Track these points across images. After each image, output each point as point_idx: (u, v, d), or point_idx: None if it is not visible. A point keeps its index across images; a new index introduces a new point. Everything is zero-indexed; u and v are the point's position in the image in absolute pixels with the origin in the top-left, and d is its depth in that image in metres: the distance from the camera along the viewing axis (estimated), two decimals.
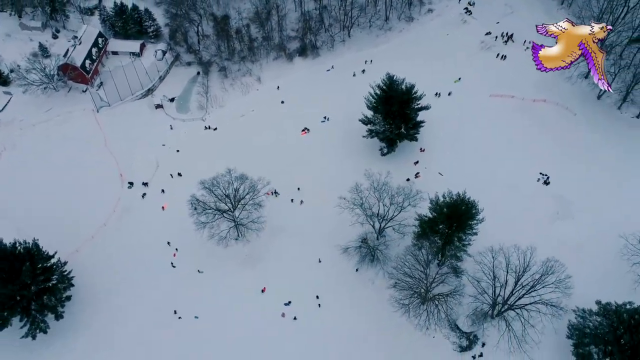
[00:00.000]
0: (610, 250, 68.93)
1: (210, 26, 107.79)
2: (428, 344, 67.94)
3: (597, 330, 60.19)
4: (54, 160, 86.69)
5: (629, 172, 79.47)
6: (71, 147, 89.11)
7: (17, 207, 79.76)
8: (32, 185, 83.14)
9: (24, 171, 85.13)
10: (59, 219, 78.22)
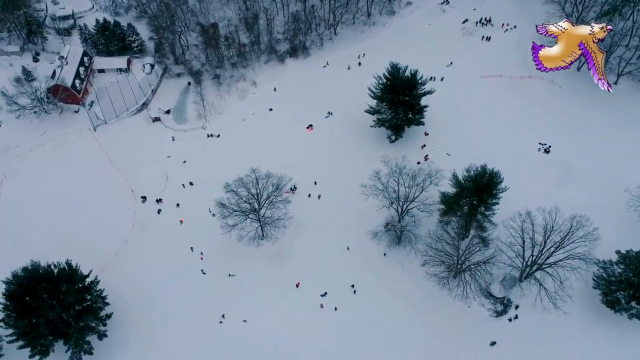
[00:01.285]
0: (617, 204, 74.20)
1: (194, 36, 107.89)
2: (465, 313, 70.97)
3: (621, 277, 65.15)
4: (60, 183, 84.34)
5: (617, 132, 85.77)
6: (75, 168, 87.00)
7: (33, 234, 77.31)
8: (44, 210, 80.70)
9: (31, 197, 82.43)
10: (78, 240, 76.24)
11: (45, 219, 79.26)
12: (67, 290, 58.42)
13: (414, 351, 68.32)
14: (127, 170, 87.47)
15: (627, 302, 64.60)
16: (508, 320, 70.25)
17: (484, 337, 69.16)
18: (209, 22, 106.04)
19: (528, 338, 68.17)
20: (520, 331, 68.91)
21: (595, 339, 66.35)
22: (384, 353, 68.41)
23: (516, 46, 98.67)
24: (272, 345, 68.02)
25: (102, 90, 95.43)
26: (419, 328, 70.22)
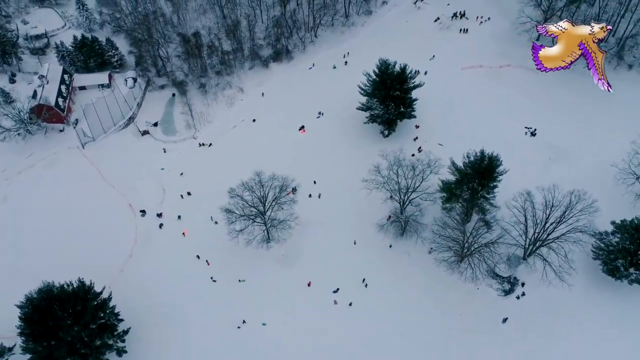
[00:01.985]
0: (605, 179, 78.13)
1: (174, 47, 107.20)
2: (474, 295, 73.21)
3: (618, 245, 68.74)
4: (55, 204, 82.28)
5: (593, 111, 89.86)
6: (68, 187, 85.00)
7: (34, 258, 75.18)
8: (42, 232, 78.62)
9: (26, 221, 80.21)
10: (81, 260, 74.29)
11: (44, 242, 77.19)
12: (84, 309, 57.20)
13: (429, 337, 69.96)
14: (122, 185, 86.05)
15: (625, 269, 68.32)
16: (516, 298, 72.91)
17: (495, 316, 71.63)
18: (188, 32, 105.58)
19: (537, 313, 71.01)
20: (529, 307, 71.72)
21: (600, 307, 69.75)
22: (401, 342, 69.85)
23: (492, 37, 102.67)
24: (294, 346, 68.38)
25: (87, 106, 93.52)
26: (431, 314, 71.96)
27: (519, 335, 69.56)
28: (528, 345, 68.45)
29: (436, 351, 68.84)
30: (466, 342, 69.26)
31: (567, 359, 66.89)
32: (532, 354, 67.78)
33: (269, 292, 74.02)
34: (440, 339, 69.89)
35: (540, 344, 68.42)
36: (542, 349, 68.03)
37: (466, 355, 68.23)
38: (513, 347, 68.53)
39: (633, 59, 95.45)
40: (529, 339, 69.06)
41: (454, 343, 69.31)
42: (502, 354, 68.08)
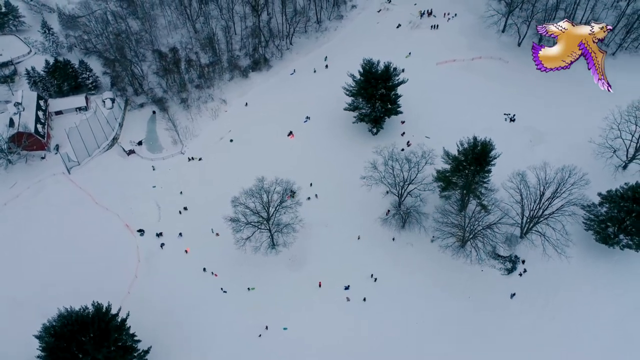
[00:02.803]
0: (585, 155, 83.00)
1: (148, 65, 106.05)
2: (479, 277, 76.03)
3: (607, 215, 73.26)
4: (48, 232, 79.80)
5: (562, 93, 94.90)
6: (60, 213, 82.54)
7: (38, 289, 72.57)
8: (41, 262, 76.02)
9: (23, 251, 77.27)
10: (86, 286, 72.32)
11: (44, 272, 74.68)
12: (106, 331, 55.81)
13: (443, 321, 72.22)
14: (115, 206, 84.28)
15: (616, 236, 72.87)
16: (519, 275, 76.22)
17: (502, 294, 74.71)
18: (161, 49, 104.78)
19: (539, 286, 74.55)
20: (531, 282, 75.17)
21: (597, 274, 74.04)
22: (418, 329, 71.71)
23: (461, 32, 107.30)
24: (316, 347, 68.96)
25: (71, 130, 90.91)
26: (441, 299, 74.29)
27: (526, 308, 72.93)
28: (535, 317, 71.88)
29: (452, 333, 71.06)
30: (478, 321, 71.95)
31: (571, 325, 70.49)
32: (540, 325, 71.06)
33: (282, 296, 74.34)
34: (454, 321, 72.22)
35: (546, 315, 71.96)
36: (548, 319, 71.50)
37: (480, 334, 70.75)
38: (522, 320, 71.75)
39: None
40: (535, 312, 72.48)
41: (467, 324, 71.80)
42: (513, 327, 71.10)
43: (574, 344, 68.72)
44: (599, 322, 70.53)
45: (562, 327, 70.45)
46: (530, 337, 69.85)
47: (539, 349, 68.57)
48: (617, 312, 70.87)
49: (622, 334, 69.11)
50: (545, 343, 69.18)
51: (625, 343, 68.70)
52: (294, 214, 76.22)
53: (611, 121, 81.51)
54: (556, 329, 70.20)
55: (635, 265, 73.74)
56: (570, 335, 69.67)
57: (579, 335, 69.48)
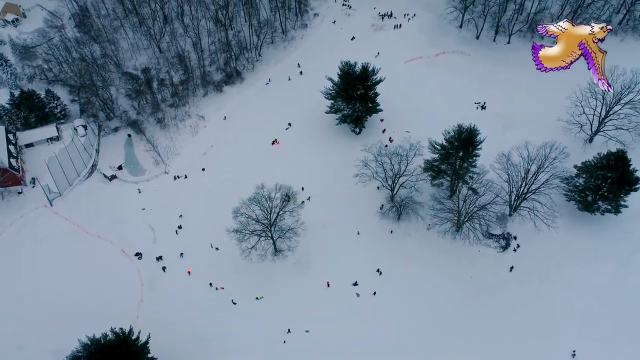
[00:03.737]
0: (555, 133, 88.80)
1: (116, 89, 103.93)
2: (477, 257, 79.72)
3: (585, 184, 79.00)
4: (42, 268, 76.76)
5: (522, 79, 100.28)
6: (49, 247, 79.44)
7: (42, 330, 69.54)
8: (41, 299, 72.89)
9: (19, 290, 73.43)
10: (92, 316, 70.12)
11: (44, 311, 71.64)
12: (135, 355, 54.40)
13: (451, 303, 75.19)
14: (107, 233, 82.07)
15: (595, 202, 78.68)
16: (513, 251, 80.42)
17: (500, 270, 78.54)
18: (127, 70, 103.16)
19: (534, 257, 78.92)
20: (526, 255, 79.43)
21: (583, 240, 79.38)
22: (429, 314, 74.16)
23: (422, 30, 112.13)
24: (337, 344, 69.97)
25: (51, 160, 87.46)
26: (445, 283, 77.27)
27: (526, 278, 77.16)
28: (535, 286, 76.17)
29: (461, 313, 74.08)
30: (484, 298, 75.49)
31: (568, 289, 75.13)
32: (541, 292, 75.28)
33: (294, 301, 74.97)
34: (460, 302, 75.29)
35: (544, 282, 76.31)
36: (547, 286, 75.89)
37: (488, 309, 74.19)
38: (522, 292, 75.75)
39: None
40: (535, 281, 76.76)
41: (474, 302, 75.13)
42: (516, 300, 74.97)
43: (574, 305, 73.44)
44: (591, 281, 75.62)
45: (561, 291, 75.08)
46: (534, 304, 74.01)
47: (544, 315, 72.73)
48: (606, 270, 76.35)
49: (615, 290, 74.47)
50: (548, 308, 73.48)
51: (618, 297, 73.94)
52: (296, 218, 77.07)
53: (574, 99, 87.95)
54: (556, 294, 74.75)
55: (616, 228, 79.62)
56: (569, 297, 74.32)
57: (577, 297, 74.23)
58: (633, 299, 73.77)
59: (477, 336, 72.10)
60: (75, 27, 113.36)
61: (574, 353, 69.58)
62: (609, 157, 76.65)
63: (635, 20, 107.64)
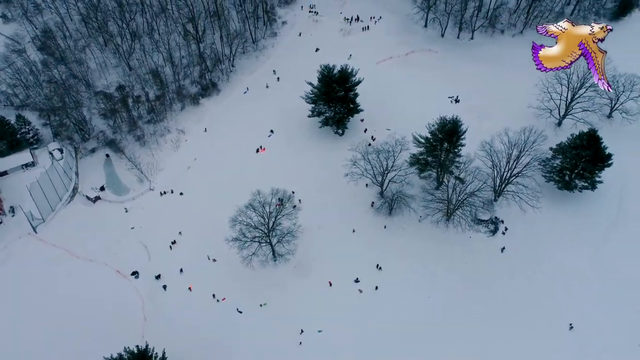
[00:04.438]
0: (527, 119, 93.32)
1: (87, 109, 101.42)
2: (469, 243, 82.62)
3: (562, 164, 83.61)
4: (35, 297, 73.83)
5: (490, 72, 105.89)
6: (40, 276, 76.50)
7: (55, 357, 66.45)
8: (37, 332, 70.15)
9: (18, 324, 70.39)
10: (97, 342, 68.14)
11: (48, 343, 68.81)
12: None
13: (450, 288, 77.60)
14: (99, 255, 79.94)
15: (572, 180, 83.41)
16: (502, 234, 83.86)
17: (492, 252, 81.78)
18: (104, 90, 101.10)
19: (522, 238, 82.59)
20: (514, 236, 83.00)
21: (566, 216, 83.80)
22: (431, 302, 76.14)
23: (389, 32, 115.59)
24: (349, 341, 70.86)
25: (33, 185, 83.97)
26: (442, 271, 79.69)
27: (516, 259, 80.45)
28: (525, 266, 79.53)
29: (460, 297, 76.48)
30: (480, 281, 78.34)
31: (557, 265, 79.06)
32: (532, 272, 78.71)
33: (300, 303, 75.45)
34: (458, 287, 77.72)
35: (534, 262, 79.82)
36: (536, 265, 79.47)
37: (484, 291, 76.93)
38: (515, 271, 79.16)
39: (502, 25, 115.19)
40: (524, 261, 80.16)
41: (471, 286, 77.77)
42: (510, 278, 78.37)
43: (566, 278, 77.39)
44: (576, 254, 79.92)
45: (551, 267, 78.93)
46: (528, 282, 77.51)
47: (539, 290, 76.31)
48: (589, 241, 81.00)
49: (598, 259, 79.28)
50: (542, 284, 77.08)
51: (601, 270, 78.50)
52: (293, 221, 77.59)
53: (541, 87, 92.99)
54: (547, 270, 78.57)
55: (594, 203, 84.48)
56: (560, 271, 78.19)
57: (566, 271, 78.19)
58: (615, 265, 78.47)
59: (479, 316, 74.57)
60: (39, 50, 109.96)
61: (571, 326, 73.14)
62: (582, 137, 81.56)
63: (585, 10, 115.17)
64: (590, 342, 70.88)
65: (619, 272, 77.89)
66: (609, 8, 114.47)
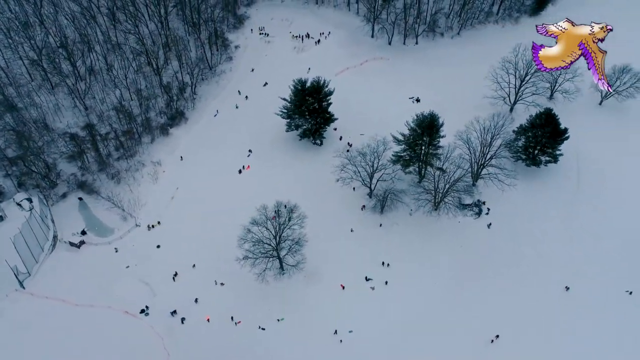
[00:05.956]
0: (485, 109, 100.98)
1: (52, 152, 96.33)
2: (459, 227, 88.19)
3: (526, 143, 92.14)
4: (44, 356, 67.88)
5: (440, 72, 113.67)
6: (39, 334, 71.41)
7: None
8: None
9: None
10: None
11: None
12: None
13: (452, 271, 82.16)
14: (100, 300, 75.88)
15: (537, 156, 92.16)
16: (486, 214, 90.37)
17: (481, 231, 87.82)
18: (67, 131, 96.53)
19: (504, 214, 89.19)
20: (497, 215, 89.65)
21: (538, 189, 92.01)
22: (438, 287, 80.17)
23: (341, 45, 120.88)
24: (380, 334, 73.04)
25: (16, 237, 77.70)
26: (441, 257, 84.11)
27: (503, 234, 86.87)
28: (512, 239, 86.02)
29: (462, 277, 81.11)
30: (476, 259, 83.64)
31: (536, 231, 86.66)
32: (517, 244, 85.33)
33: (319, 312, 76.22)
34: (459, 267, 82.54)
35: (519, 234, 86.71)
36: (522, 236, 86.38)
37: (483, 267, 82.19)
38: (503, 244, 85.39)
39: (440, 28, 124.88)
40: (510, 234, 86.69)
41: (469, 266, 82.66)
42: (502, 252, 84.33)
43: (547, 244, 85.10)
44: (551, 222, 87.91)
45: (535, 236, 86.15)
46: (518, 252, 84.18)
47: (530, 258, 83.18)
48: (561, 208, 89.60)
49: (570, 222, 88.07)
50: (531, 251, 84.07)
51: (574, 228, 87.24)
52: (298, 231, 78.51)
53: (491, 78, 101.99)
54: (532, 239, 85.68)
55: (558, 174, 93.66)
56: (540, 239, 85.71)
57: (545, 237, 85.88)
58: (585, 222, 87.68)
59: (482, 290, 79.45)
60: None
61: (567, 288, 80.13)
62: (540, 117, 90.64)
63: (508, 8, 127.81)
64: (584, 298, 78.17)
65: (588, 228, 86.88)
66: (528, 5, 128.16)
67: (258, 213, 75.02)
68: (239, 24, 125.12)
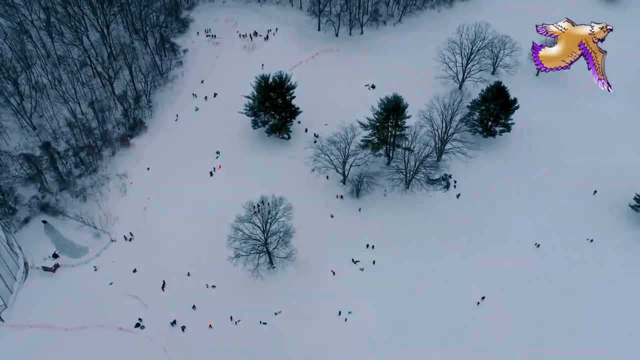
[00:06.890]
0: (437, 88, 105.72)
1: (5, 176, 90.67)
2: (431, 202, 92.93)
3: (481, 116, 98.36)
4: None
5: (387, 59, 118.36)
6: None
7: None
8: None
9: None
10: None
11: None
12: None
13: (433, 242, 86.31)
14: (91, 320, 72.96)
15: (491, 127, 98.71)
16: (454, 187, 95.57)
17: (451, 201, 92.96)
18: (22, 152, 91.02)
19: (471, 187, 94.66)
20: (465, 186, 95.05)
21: (498, 156, 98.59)
22: (422, 261, 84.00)
23: (290, 40, 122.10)
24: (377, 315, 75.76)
25: None
26: (422, 231, 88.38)
27: (471, 201, 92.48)
28: (480, 205, 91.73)
29: (443, 247, 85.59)
30: (452, 228, 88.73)
31: (499, 195, 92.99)
32: (485, 209, 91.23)
33: (316, 299, 77.69)
34: (438, 238, 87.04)
35: (488, 200, 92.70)
36: (488, 202, 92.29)
37: (459, 235, 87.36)
38: (473, 212, 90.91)
39: (382, 17, 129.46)
40: (478, 201, 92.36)
41: (447, 235, 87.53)
42: (472, 219, 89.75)
43: (511, 206, 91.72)
44: (512, 184, 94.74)
45: (498, 201, 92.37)
46: (488, 217, 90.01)
47: (501, 220, 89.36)
48: (518, 171, 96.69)
49: (527, 184, 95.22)
50: (498, 215, 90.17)
51: (531, 187, 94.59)
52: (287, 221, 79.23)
53: (439, 60, 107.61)
54: (496, 203, 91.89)
55: (513, 142, 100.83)
56: (504, 202, 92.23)
57: (509, 199, 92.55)
58: (541, 180, 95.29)
59: (462, 256, 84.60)
60: None
61: (537, 244, 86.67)
62: (492, 90, 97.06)
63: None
64: (552, 251, 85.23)
65: (544, 185, 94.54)
66: None
67: (244, 210, 75.05)
68: (183, 28, 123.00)
